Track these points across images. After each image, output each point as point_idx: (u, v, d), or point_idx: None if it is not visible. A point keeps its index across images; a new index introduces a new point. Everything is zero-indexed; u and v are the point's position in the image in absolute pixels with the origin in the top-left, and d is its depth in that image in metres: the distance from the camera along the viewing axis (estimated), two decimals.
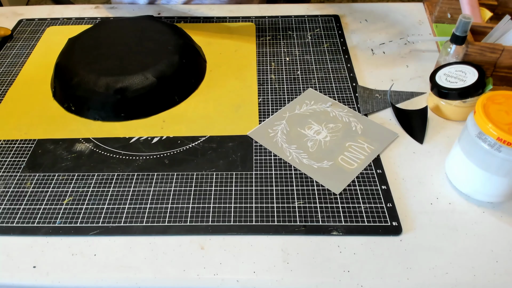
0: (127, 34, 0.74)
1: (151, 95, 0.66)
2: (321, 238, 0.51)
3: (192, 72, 0.72)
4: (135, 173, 0.58)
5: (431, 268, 0.48)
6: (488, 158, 0.49)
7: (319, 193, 0.55)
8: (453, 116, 0.65)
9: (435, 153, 0.61)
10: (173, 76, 0.68)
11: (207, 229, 0.52)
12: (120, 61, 0.68)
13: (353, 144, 0.61)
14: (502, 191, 0.51)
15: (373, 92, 0.70)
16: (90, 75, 0.66)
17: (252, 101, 0.69)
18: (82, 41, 0.73)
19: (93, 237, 0.52)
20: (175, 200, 0.55)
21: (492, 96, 0.49)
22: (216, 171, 0.58)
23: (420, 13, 0.89)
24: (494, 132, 0.46)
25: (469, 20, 0.61)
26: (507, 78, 0.67)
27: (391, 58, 0.77)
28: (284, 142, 0.62)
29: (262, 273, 0.48)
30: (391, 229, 0.51)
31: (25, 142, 0.63)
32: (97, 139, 0.63)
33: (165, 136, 0.64)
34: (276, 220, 0.53)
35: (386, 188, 0.56)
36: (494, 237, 0.51)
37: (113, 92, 0.64)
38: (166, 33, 0.74)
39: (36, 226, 0.53)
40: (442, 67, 0.64)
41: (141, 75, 0.66)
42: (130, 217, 0.53)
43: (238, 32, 0.84)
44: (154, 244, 0.51)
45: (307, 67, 0.75)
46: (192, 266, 0.49)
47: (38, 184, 0.57)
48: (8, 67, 0.77)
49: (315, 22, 0.86)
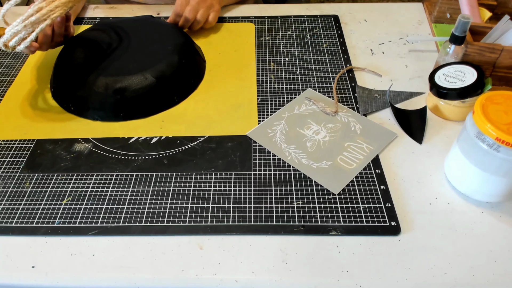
0: (126, 34, 0.74)
1: (150, 96, 0.66)
2: (320, 238, 0.51)
3: (191, 72, 0.72)
4: (134, 173, 0.58)
5: (430, 268, 0.48)
6: (487, 158, 0.49)
7: (318, 193, 0.55)
8: (452, 116, 0.65)
9: (434, 153, 0.61)
10: (172, 76, 0.68)
11: (206, 229, 0.52)
12: (119, 61, 0.68)
13: (352, 144, 0.61)
14: (501, 191, 0.51)
15: (372, 92, 0.70)
16: (89, 75, 0.66)
17: (251, 101, 0.69)
18: (81, 41, 0.73)
19: (92, 237, 0.52)
20: (174, 200, 0.55)
21: (491, 96, 0.49)
22: (215, 171, 0.58)
23: (420, 13, 0.89)
24: (493, 132, 0.46)
25: (468, 20, 0.61)
26: (506, 78, 0.67)
27: (390, 58, 0.77)
28: (283, 142, 0.62)
29: (261, 273, 0.48)
30: (390, 229, 0.51)
31: (24, 142, 0.63)
32: (96, 139, 0.63)
33: (164, 136, 0.64)
34: (275, 220, 0.53)
35: (385, 188, 0.56)
36: (493, 237, 0.51)
37: (112, 92, 0.64)
38: (166, 33, 0.74)
39: (35, 226, 0.53)
40: (441, 67, 0.64)
41: (140, 75, 0.66)
42: (129, 217, 0.53)
43: (238, 32, 0.84)
44: (153, 244, 0.51)
45: (306, 67, 0.75)
46: (191, 266, 0.49)
47: (37, 184, 0.57)
48: (7, 67, 0.77)
49: (314, 22, 0.86)
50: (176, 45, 0.71)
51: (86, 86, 0.65)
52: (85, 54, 0.70)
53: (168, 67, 0.68)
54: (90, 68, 0.67)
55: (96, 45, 0.72)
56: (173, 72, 0.68)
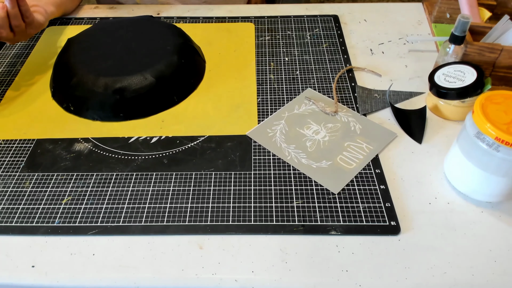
0: (126, 34, 0.74)
1: (150, 95, 0.66)
2: (320, 238, 0.51)
3: (191, 72, 0.72)
4: (134, 173, 0.58)
5: (429, 267, 0.48)
6: (487, 158, 0.49)
7: (318, 192, 0.55)
8: (452, 116, 0.65)
9: (433, 153, 0.61)
10: (172, 76, 0.68)
11: (206, 228, 0.52)
12: (119, 61, 0.68)
13: (351, 144, 0.61)
14: (501, 190, 0.51)
15: (372, 92, 0.70)
16: (89, 75, 0.66)
17: (251, 101, 0.69)
18: (81, 41, 0.73)
19: (92, 236, 0.52)
20: (174, 199, 0.55)
21: (490, 96, 0.49)
22: (215, 171, 0.58)
23: (419, 13, 0.89)
24: (492, 132, 0.46)
25: (468, 20, 0.61)
26: (506, 78, 0.67)
27: (390, 58, 0.77)
28: (283, 142, 0.62)
29: (261, 273, 0.48)
30: (389, 228, 0.51)
31: (24, 141, 0.63)
32: (96, 139, 0.63)
33: (164, 136, 0.64)
34: (275, 220, 0.53)
35: (384, 187, 0.56)
36: (493, 237, 0.51)
37: (112, 92, 0.64)
38: (165, 33, 0.74)
39: (35, 225, 0.53)
40: (441, 67, 0.64)
41: (140, 75, 0.66)
42: (129, 216, 0.53)
43: (237, 32, 0.84)
44: (153, 244, 0.51)
45: (306, 67, 0.75)
46: (191, 265, 0.49)
47: (37, 184, 0.57)
48: (7, 67, 0.78)
49: (314, 22, 0.86)
50: (175, 45, 0.71)
51: (86, 86, 0.65)
52: (84, 54, 0.70)
53: (167, 67, 0.68)
54: (89, 68, 0.67)
55: (96, 45, 0.72)
56: (172, 72, 0.68)
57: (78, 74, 0.67)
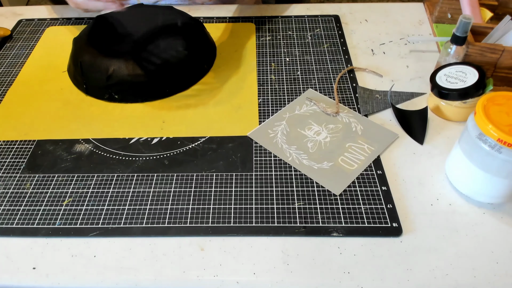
0: (136, 21, 0.75)
1: (185, 67, 0.71)
2: (321, 239, 0.51)
3: (209, 44, 0.77)
4: (134, 174, 0.58)
5: (431, 269, 0.48)
6: (489, 159, 0.48)
7: (319, 194, 0.55)
8: (454, 117, 0.65)
9: (435, 154, 0.60)
10: (198, 47, 0.73)
11: (207, 230, 0.52)
12: (146, 42, 0.70)
13: (353, 145, 0.61)
14: (503, 192, 0.51)
15: (373, 92, 0.70)
16: (125, 61, 0.67)
17: (252, 101, 0.69)
18: (97, 34, 0.73)
19: (93, 238, 0.52)
20: (175, 201, 0.55)
21: (492, 97, 0.49)
22: (216, 172, 0.58)
23: (420, 13, 0.89)
24: (494, 133, 0.46)
25: (469, 21, 0.61)
26: (508, 79, 0.67)
27: (391, 59, 0.77)
28: (284, 143, 0.62)
29: (262, 275, 0.48)
30: (391, 230, 0.51)
31: (24, 143, 0.63)
32: (97, 140, 0.63)
33: (165, 137, 0.63)
34: (276, 221, 0.52)
35: (386, 189, 0.56)
36: (495, 238, 0.51)
37: (154, 71, 0.67)
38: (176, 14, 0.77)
39: (36, 227, 0.53)
40: (442, 68, 0.64)
41: (173, 51, 0.69)
42: (130, 218, 0.53)
43: (238, 32, 0.84)
44: (154, 245, 0.51)
45: (307, 67, 0.75)
46: (192, 267, 0.49)
47: (37, 185, 0.57)
48: (7, 67, 0.77)
49: (315, 22, 0.86)
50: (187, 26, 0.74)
51: (125, 72, 0.67)
52: (109, 44, 0.71)
53: (191, 41, 0.72)
54: (122, 54, 0.68)
55: (115, 35, 0.73)
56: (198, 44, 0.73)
57: (113, 64, 0.67)
